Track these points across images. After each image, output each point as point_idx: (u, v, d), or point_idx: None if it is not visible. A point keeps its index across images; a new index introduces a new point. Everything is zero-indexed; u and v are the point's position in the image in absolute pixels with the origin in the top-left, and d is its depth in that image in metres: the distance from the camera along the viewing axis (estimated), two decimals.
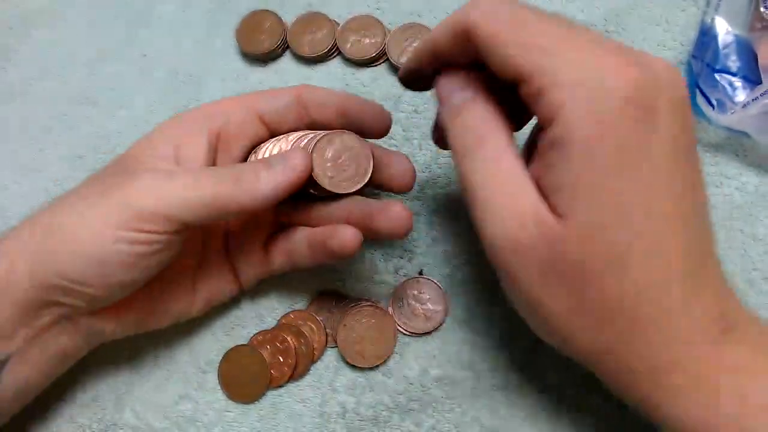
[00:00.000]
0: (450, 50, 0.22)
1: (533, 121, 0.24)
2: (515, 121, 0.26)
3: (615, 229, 0.19)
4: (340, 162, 0.26)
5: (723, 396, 0.19)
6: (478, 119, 0.22)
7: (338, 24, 0.35)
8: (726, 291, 0.21)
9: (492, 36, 0.20)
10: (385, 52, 0.34)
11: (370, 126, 0.27)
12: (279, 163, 0.25)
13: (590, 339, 0.20)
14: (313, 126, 0.28)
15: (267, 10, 0.36)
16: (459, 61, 0.23)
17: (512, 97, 0.21)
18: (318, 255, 0.27)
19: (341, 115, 0.27)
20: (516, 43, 0.20)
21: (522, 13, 0.20)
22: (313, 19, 0.35)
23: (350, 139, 0.26)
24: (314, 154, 0.25)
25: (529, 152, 0.26)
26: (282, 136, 0.28)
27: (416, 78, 0.25)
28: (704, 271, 0.20)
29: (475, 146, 0.21)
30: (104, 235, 0.23)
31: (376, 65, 0.35)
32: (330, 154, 0.26)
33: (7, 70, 0.37)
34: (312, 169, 0.25)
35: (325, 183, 0.26)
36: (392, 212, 0.25)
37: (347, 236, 0.25)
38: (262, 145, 0.28)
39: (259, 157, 0.28)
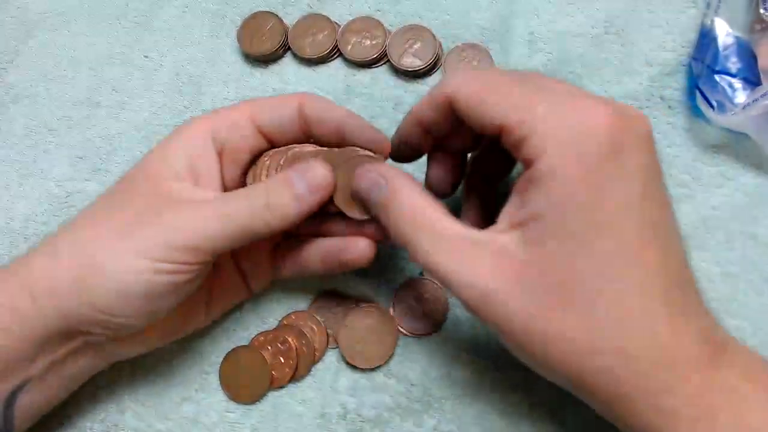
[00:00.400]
0: (434, 120, 0.24)
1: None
2: (502, 169, 0.28)
3: (592, 254, 0.20)
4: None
5: (721, 421, 0.20)
6: (404, 206, 0.23)
7: (339, 25, 0.35)
8: (706, 312, 0.21)
9: (471, 100, 0.22)
10: (386, 54, 0.34)
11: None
12: (301, 182, 0.25)
13: (580, 369, 0.20)
14: (312, 138, 0.28)
15: (268, 12, 0.36)
16: (442, 129, 0.25)
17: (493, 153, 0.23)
18: (331, 266, 0.27)
19: (339, 135, 0.27)
20: (493, 102, 0.21)
21: (494, 77, 0.23)
22: (314, 21, 0.35)
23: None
24: (337, 177, 0.26)
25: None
26: (283, 148, 0.28)
27: (406, 150, 0.27)
28: (685, 295, 0.21)
29: (414, 230, 0.23)
30: (141, 268, 0.23)
31: (377, 66, 0.35)
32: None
33: (10, 73, 0.38)
34: (334, 191, 0.26)
35: (352, 212, 0.26)
36: None
37: (361, 247, 0.26)
38: (262, 158, 0.28)
39: (259, 170, 0.27)
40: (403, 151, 0.27)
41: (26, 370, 0.24)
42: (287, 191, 0.25)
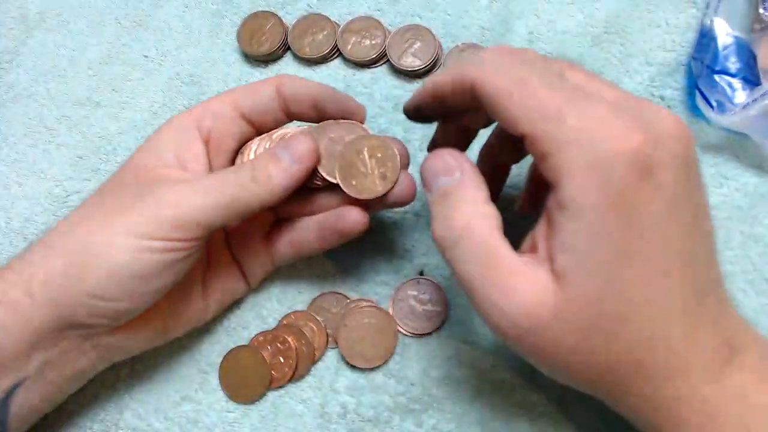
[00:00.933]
0: (451, 98, 0.23)
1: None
2: (518, 153, 0.27)
3: (620, 286, 0.19)
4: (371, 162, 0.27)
5: (727, 429, 0.19)
6: (462, 207, 0.22)
7: (339, 25, 0.35)
8: (731, 315, 0.21)
9: (497, 96, 0.20)
10: (386, 54, 0.34)
11: (344, 119, 0.28)
12: (285, 154, 0.25)
13: (596, 380, 0.21)
14: (293, 117, 0.28)
15: (268, 12, 0.36)
16: (459, 107, 0.23)
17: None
18: (327, 239, 0.28)
19: (315, 107, 0.27)
20: (521, 106, 0.20)
21: (527, 74, 0.20)
22: (313, 21, 0.35)
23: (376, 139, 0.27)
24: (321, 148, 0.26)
25: (534, 189, 0.27)
26: (266, 134, 0.28)
27: (420, 114, 0.26)
28: (707, 304, 0.20)
29: (461, 236, 0.21)
30: (130, 246, 0.23)
31: (376, 66, 0.35)
32: (364, 157, 0.27)
33: (9, 72, 0.38)
34: (319, 161, 0.26)
35: (350, 189, 0.26)
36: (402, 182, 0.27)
37: (354, 216, 0.26)
38: (249, 144, 0.28)
39: (246, 156, 0.28)
40: (415, 116, 0.26)
41: (22, 369, 0.24)
42: (272, 163, 0.25)
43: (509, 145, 0.27)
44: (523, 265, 0.20)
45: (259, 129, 0.28)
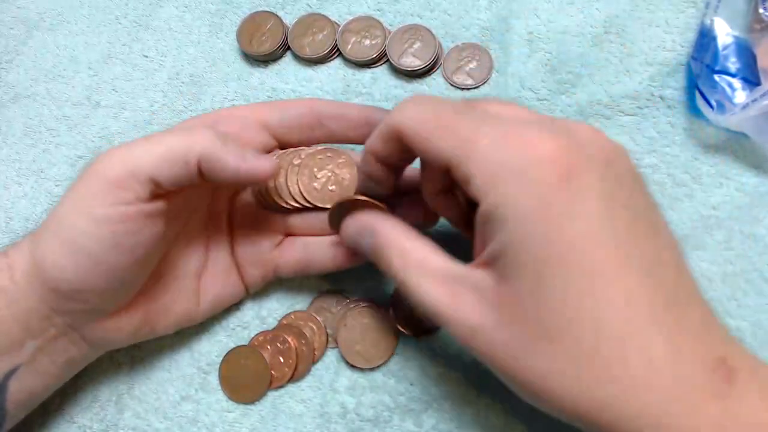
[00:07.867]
0: (389, 153, 0.23)
1: None
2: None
3: (561, 287, 0.18)
4: (325, 179, 0.28)
5: None
6: (390, 253, 0.23)
7: (339, 25, 0.35)
8: (724, 334, 0.20)
9: (418, 135, 0.21)
10: (386, 54, 0.34)
11: None
12: (249, 154, 0.25)
13: (576, 403, 0.19)
14: (328, 138, 0.28)
15: (268, 12, 0.36)
16: (401, 161, 0.24)
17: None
18: (342, 260, 0.28)
19: (366, 125, 0.27)
20: (438, 137, 0.21)
21: (443, 110, 0.21)
22: (313, 21, 0.35)
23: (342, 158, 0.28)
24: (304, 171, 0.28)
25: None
26: (293, 149, 0.28)
27: (375, 187, 0.25)
28: (682, 312, 0.19)
29: (404, 272, 0.22)
30: (81, 217, 0.23)
31: (376, 66, 0.35)
32: (319, 172, 0.28)
33: (10, 72, 0.38)
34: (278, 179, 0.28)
35: (315, 199, 0.28)
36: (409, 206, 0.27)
37: None
38: (272, 153, 0.28)
39: None
40: (372, 189, 0.26)
41: (16, 355, 0.24)
42: (235, 146, 0.25)
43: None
44: (462, 271, 0.21)
45: (283, 144, 0.28)
